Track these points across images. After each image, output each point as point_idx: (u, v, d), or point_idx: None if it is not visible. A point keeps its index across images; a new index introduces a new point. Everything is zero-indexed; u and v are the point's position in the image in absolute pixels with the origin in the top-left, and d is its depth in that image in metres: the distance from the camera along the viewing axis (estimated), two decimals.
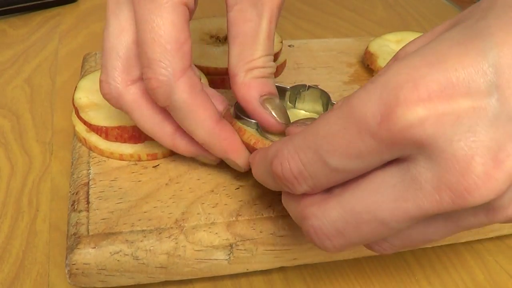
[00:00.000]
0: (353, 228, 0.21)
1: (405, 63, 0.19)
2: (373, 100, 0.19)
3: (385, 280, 0.32)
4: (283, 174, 0.22)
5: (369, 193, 0.21)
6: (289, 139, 0.23)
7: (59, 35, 0.57)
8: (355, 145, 0.20)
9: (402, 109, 0.18)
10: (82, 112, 0.34)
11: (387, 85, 0.19)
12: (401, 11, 0.66)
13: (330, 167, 0.21)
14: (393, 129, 0.19)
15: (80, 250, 0.27)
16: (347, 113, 0.20)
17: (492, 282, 0.32)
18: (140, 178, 0.32)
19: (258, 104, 0.30)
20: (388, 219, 0.20)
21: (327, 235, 0.22)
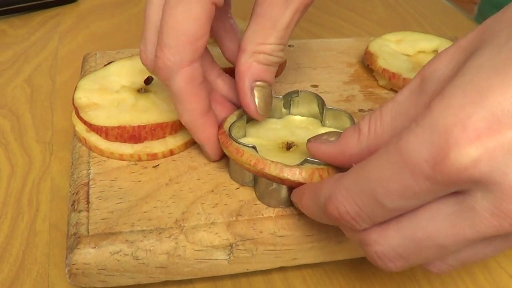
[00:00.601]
0: (414, 253, 0.22)
1: (448, 102, 0.20)
2: (424, 144, 0.20)
3: (385, 280, 0.32)
4: (341, 217, 0.23)
5: (427, 221, 0.22)
6: (339, 183, 0.23)
7: (59, 35, 0.57)
8: (410, 188, 0.20)
9: (454, 152, 0.19)
10: (82, 112, 0.34)
11: (435, 129, 0.19)
12: (401, 11, 0.66)
13: (387, 208, 0.22)
14: (447, 173, 0.19)
15: (80, 250, 0.27)
16: (398, 158, 0.20)
17: (493, 282, 0.32)
18: (140, 178, 0.32)
19: (248, 88, 0.31)
20: (447, 243, 0.21)
21: (390, 259, 0.23)
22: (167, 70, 0.29)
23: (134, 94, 0.36)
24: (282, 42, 0.31)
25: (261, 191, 0.30)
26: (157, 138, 0.34)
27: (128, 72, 0.38)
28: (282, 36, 0.31)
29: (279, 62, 0.32)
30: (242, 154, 0.29)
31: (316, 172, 0.28)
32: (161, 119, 0.34)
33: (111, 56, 0.44)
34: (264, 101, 0.32)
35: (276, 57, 0.31)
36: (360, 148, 0.25)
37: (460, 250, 0.22)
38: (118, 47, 0.48)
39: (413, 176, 0.20)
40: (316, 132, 0.33)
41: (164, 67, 0.29)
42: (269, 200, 0.30)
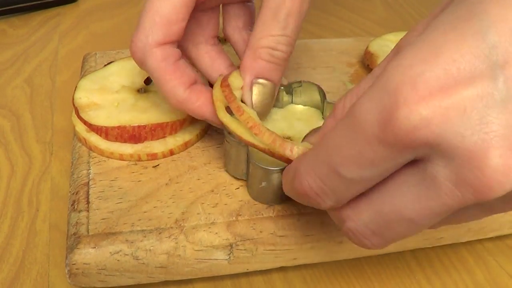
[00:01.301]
0: (385, 228, 0.21)
1: (400, 61, 0.19)
2: (375, 105, 0.19)
3: (385, 280, 0.32)
4: (305, 192, 0.22)
5: (393, 194, 0.21)
6: (303, 156, 0.23)
7: (59, 35, 0.57)
8: (366, 154, 0.19)
9: (404, 111, 0.18)
10: (82, 112, 0.34)
11: (385, 88, 0.18)
12: (401, 11, 0.66)
13: (346, 179, 0.21)
14: (399, 134, 0.18)
15: (80, 250, 0.27)
16: (352, 122, 0.20)
17: (492, 282, 0.32)
18: (140, 178, 0.32)
19: (248, 83, 0.30)
20: (415, 218, 0.20)
21: (364, 236, 0.22)
22: (139, 52, 0.30)
23: (134, 94, 0.36)
24: (286, 33, 0.30)
25: (253, 189, 0.30)
26: (157, 138, 0.34)
27: (128, 72, 0.38)
28: (285, 26, 0.29)
29: (284, 58, 0.31)
30: (242, 113, 0.28)
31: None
32: (161, 119, 0.34)
33: (111, 56, 0.44)
34: (261, 99, 0.31)
35: (281, 52, 0.30)
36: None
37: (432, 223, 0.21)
38: (118, 47, 0.48)
39: (367, 141, 0.19)
40: (316, 125, 0.33)
41: (137, 49, 0.30)
42: (261, 197, 0.30)
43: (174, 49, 0.30)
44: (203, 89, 0.31)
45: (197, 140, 0.35)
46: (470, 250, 0.34)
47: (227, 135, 0.30)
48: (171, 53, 0.30)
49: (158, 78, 0.30)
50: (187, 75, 0.31)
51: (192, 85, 0.31)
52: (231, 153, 0.31)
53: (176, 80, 0.30)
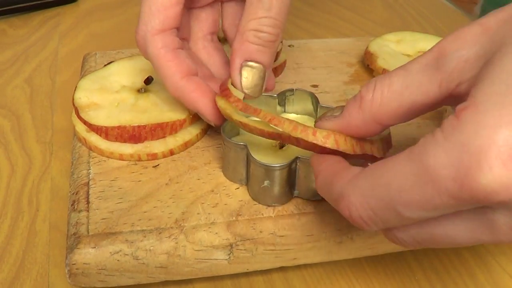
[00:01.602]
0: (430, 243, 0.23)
1: (482, 119, 0.19)
2: (453, 162, 0.19)
3: (385, 280, 0.32)
4: (352, 218, 0.23)
5: (447, 223, 0.22)
6: (354, 184, 0.23)
7: (59, 35, 0.57)
8: (432, 202, 0.20)
9: (486, 176, 0.18)
10: (82, 112, 0.34)
11: (467, 148, 0.19)
12: (401, 11, 0.66)
13: (403, 216, 0.21)
14: (475, 194, 0.19)
15: (80, 250, 0.27)
16: (422, 171, 0.20)
17: (493, 282, 0.32)
18: (140, 178, 0.32)
19: (237, 67, 0.31)
20: (463, 243, 0.22)
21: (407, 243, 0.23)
22: (141, 41, 0.32)
23: (134, 94, 0.36)
24: (270, 15, 0.30)
25: (254, 190, 0.30)
26: (157, 138, 0.34)
27: (128, 72, 0.38)
28: (269, 8, 0.30)
29: (271, 40, 0.31)
30: (259, 112, 0.28)
31: (332, 136, 0.26)
32: (161, 119, 0.34)
33: (111, 56, 0.44)
34: (251, 81, 0.31)
35: (267, 33, 0.30)
36: (364, 118, 0.25)
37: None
38: (118, 47, 0.47)
39: (437, 192, 0.19)
40: None
41: (139, 38, 0.32)
42: (262, 198, 0.30)
43: (174, 37, 0.32)
44: (200, 82, 0.32)
45: (197, 140, 0.35)
46: (471, 250, 0.34)
47: (225, 139, 0.30)
48: (171, 41, 0.31)
49: (157, 64, 0.31)
50: (186, 64, 0.32)
51: (190, 75, 0.32)
52: (230, 156, 0.31)
53: (174, 67, 0.31)
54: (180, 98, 0.32)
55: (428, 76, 0.23)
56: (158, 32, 0.31)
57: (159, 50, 0.31)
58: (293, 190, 0.30)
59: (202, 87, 0.32)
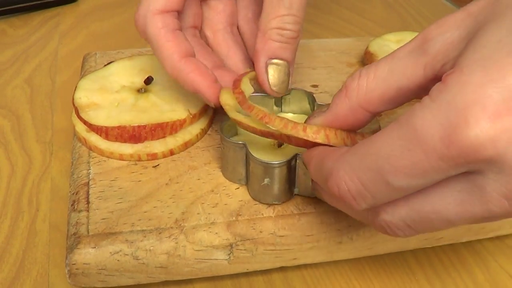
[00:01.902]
0: (421, 224, 0.22)
1: (467, 78, 0.19)
2: (440, 121, 0.19)
3: (385, 280, 0.32)
4: (340, 194, 0.23)
5: (434, 196, 0.21)
6: (343, 158, 0.23)
7: (59, 35, 0.57)
8: (421, 166, 0.20)
9: (473, 130, 0.18)
10: (82, 112, 0.34)
11: (453, 106, 0.19)
12: (401, 11, 0.66)
13: (393, 186, 0.21)
14: (464, 151, 0.19)
15: (80, 250, 0.27)
16: (410, 134, 0.20)
17: (492, 282, 0.32)
18: (140, 178, 0.32)
19: (262, 66, 0.32)
20: (454, 219, 0.21)
21: (398, 228, 0.23)
22: (141, 20, 0.32)
23: (134, 94, 0.36)
24: (292, 12, 0.31)
25: (254, 188, 0.30)
26: (157, 138, 0.34)
27: (128, 72, 0.38)
28: (290, 6, 0.31)
29: (294, 36, 0.32)
30: (252, 108, 0.29)
31: (322, 131, 0.26)
32: (161, 119, 0.34)
33: (111, 56, 0.44)
34: (278, 78, 0.32)
35: (290, 30, 0.31)
36: (351, 106, 0.25)
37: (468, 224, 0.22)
38: (118, 47, 0.47)
39: (426, 154, 0.19)
40: None
41: (139, 17, 0.32)
42: (263, 197, 0.30)
43: (174, 19, 0.32)
44: (199, 63, 0.32)
45: (197, 140, 0.35)
46: (470, 250, 0.34)
47: (224, 139, 0.30)
48: (171, 22, 0.32)
49: (156, 44, 0.31)
50: (185, 45, 0.32)
51: (188, 56, 0.32)
52: (229, 156, 0.31)
53: (173, 47, 0.31)
54: (178, 79, 0.32)
55: (413, 60, 0.23)
56: (159, 13, 0.31)
57: (159, 30, 0.31)
58: (293, 188, 0.30)
59: (201, 67, 0.32)
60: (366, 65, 0.25)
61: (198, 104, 0.35)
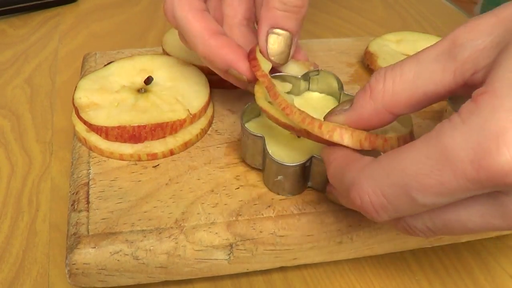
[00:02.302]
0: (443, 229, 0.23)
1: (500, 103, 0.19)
2: (471, 145, 0.19)
3: (385, 280, 0.32)
4: (363, 206, 0.23)
5: (460, 208, 0.22)
6: (367, 171, 0.23)
7: (59, 35, 0.57)
8: (448, 186, 0.20)
9: (505, 157, 0.18)
10: (82, 112, 0.34)
11: (485, 131, 0.19)
12: (401, 11, 0.66)
13: (417, 203, 0.21)
14: (493, 175, 0.19)
15: (80, 250, 0.27)
16: (440, 154, 0.20)
17: (492, 282, 0.32)
18: (140, 178, 0.32)
19: (263, 34, 0.32)
20: (475, 229, 0.22)
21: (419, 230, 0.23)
22: (169, 7, 0.32)
23: (134, 94, 0.36)
24: None
25: (268, 181, 0.31)
26: (157, 138, 0.34)
27: (128, 72, 0.38)
28: None
29: (297, 5, 0.31)
30: (277, 97, 0.28)
31: (338, 130, 0.26)
32: (161, 119, 0.34)
33: (111, 56, 0.44)
34: (278, 48, 0.32)
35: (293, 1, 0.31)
36: (376, 108, 0.25)
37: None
38: (118, 47, 0.48)
39: (454, 175, 0.19)
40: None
41: (167, 6, 0.33)
42: (276, 189, 0.31)
43: (201, 2, 0.33)
44: (230, 39, 0.32)
45: (197, 140, 0.35)
46: (470, 250, 0.34)
47: (244, 128, 0.31)
48: (198, 4, 0.32)
49: (186, 25, 0.32)
50: (214, 24, 0.32)
51: (218, 34, 0.32)
52: (248, 144, 0.31)
53: (203, 25, 0.31)
54: (210, 56, 0.32)
55: (442, 65, 0.23)
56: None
57: (187, 12, 0.32)
58: (307, 182, 0.31)
59: (232, 43, 0.32)
60: (389, 66, 0.25)
61: (198, 104, 0.35)
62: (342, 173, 0.24)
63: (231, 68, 0.32)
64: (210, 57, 0.32)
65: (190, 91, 0.37)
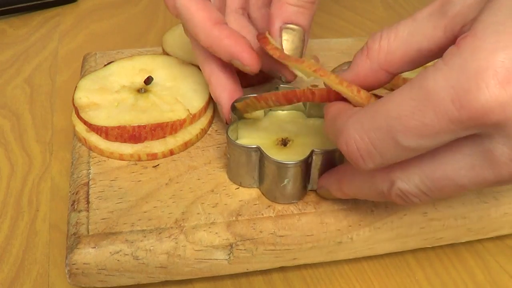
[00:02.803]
0: (435, 190, 0.23)
1: (480, 44, 0.19)
2: (452, 84, 0.20)
3: (385, 280, 0.32)
4: (349, 152, 0.23)
5: (445, 161, 0.22)
6: (354, 117, 0.23)
7: (59, 35, 0.57)
8: (431, 127, 0.20)
9: (484, 95, 0.19)
10: (82, 112, 0.34)
11: (465, 70, 0.19)
12: (401, 11, 0.66)
13: (402, 146, 0.21)
14: (474, 115, 0.19)
15: (80, 250, 0.27)
16: (422, 95, 0.20)
17: (492, 282, 0.32)
18: (140, 178, 0.32)
19: (276, 29, 0.31)
20: (467, 184, 0.22)
21: (414, 195, 0.24)
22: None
23: (134, 94, 0.36)
24: None
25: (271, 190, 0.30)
26: (157, 138, 0.34)
27: (128, 72, 0.38)
28: None
29: (311, 1, 0.31)
30: (303, 61, 0.28)
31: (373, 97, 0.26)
32: (161, 119, 0.34)
33: (111, 56, 0.44)
34: (292, 43, 0.31)
35: None
36: (371, 67, 0.25)
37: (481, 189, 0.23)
38: (118, 47, 0.48)
39: (436, 115, 0.20)
40: (305, 124, 0.34)
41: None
42: (281, 197, 0.30)
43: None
44: (232, 29, 0.31)
45: (197, 140, 0.35)
46: (470, 250, 0.34)
47: (236, 145, 0.30)
48: None
49: (188, 14, 0.31)
50: (216, 13, 0.31)
51: (221, 23, 0.31)
52: (241, 161, 0.30)
53: (205, 15, 0.31)
54: (212, 46, 0.31)
55: (433, 23, 0.24)
56: None
57: (189, 1, 0.31)
58: (308, 185, 0.31)
59: (235, 33, 0.31)
60: (386, 27, 0.25)
61: (198, 104, 0.35)
62: (333, 122, 0.25)
63: (234, 59, 0.31)
64: (213, 47, 0.31)
65: (190, 91, 0.37)
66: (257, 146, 0.29)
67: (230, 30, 0.31)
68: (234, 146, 0.30)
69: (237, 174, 0.31)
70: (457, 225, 0.31)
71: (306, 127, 0.34)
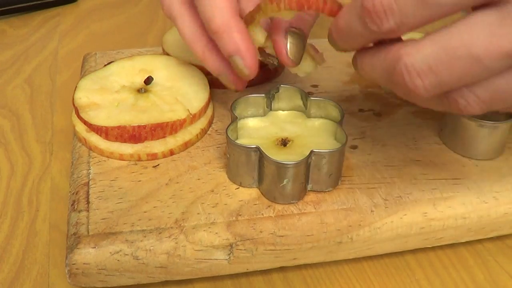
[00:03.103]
0: (446, 65, 0.21)
1: None
2: None
3: (385, 280, 0.32)
4: (374, 6, 0.22)
5: (465, 29, 0.21)
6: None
7: (59, 35, 0.57)
8: None
9: None
10: (82, 112, 0.34)
11: None
12: None
13: (422, 2, 0.21)
14: None
15: (80, 250, 0.27)
16: None
17: (492, 282, 0.32)
18: (140, 178, 0.32)
19: (282, 33, 0.31)
20: (482, 55, 0.21)
21: (418, 73, 0.22)
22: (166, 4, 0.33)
23: (134, 94, 0.36)
24: None
25: (271, 190, 0.30)
26: (157, 138, 0.34)
27: (128, 72, 0.38)
28: None
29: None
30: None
31: None
32: (161, 119, 0.34)
33: (111, 56, 0.44)
34: (296, 46, 0.32)
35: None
36: None
37: (492, 75, 0.21)
38: (118, 47, 0.48)
39: None
40: (305, 124, 0.34)
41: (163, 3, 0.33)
42: (280, 197, 0.30)
43: None
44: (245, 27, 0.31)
45: (197, 140, 0.35)
46: (470, 250, 0.34)
47: (236, 145, 0.30)
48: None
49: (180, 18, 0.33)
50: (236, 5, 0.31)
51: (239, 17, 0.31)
52: (240, 161, 0.30)
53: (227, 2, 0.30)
54: (223, 35, 0.30)
55: None
56: None
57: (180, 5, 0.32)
58: (307, 185, 0.31)
59: (247, 33, 0.31)
60: None
61: (198, 104, 0.35)
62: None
63: (237, 55, 0.31)
64: (223, 37, 0.31)
65: (190, 91, 0.37)
66: (256, 146, 0.30)
67: (245, 27, 0.31)
68: (234, 146, 0.30)
69: (237, 174, 0.31)
70: (457, 225, 0.31)
71: (306, 127, 0.34)
